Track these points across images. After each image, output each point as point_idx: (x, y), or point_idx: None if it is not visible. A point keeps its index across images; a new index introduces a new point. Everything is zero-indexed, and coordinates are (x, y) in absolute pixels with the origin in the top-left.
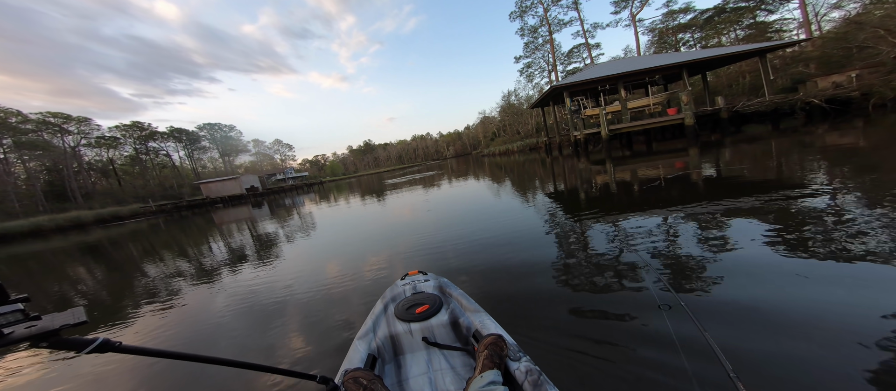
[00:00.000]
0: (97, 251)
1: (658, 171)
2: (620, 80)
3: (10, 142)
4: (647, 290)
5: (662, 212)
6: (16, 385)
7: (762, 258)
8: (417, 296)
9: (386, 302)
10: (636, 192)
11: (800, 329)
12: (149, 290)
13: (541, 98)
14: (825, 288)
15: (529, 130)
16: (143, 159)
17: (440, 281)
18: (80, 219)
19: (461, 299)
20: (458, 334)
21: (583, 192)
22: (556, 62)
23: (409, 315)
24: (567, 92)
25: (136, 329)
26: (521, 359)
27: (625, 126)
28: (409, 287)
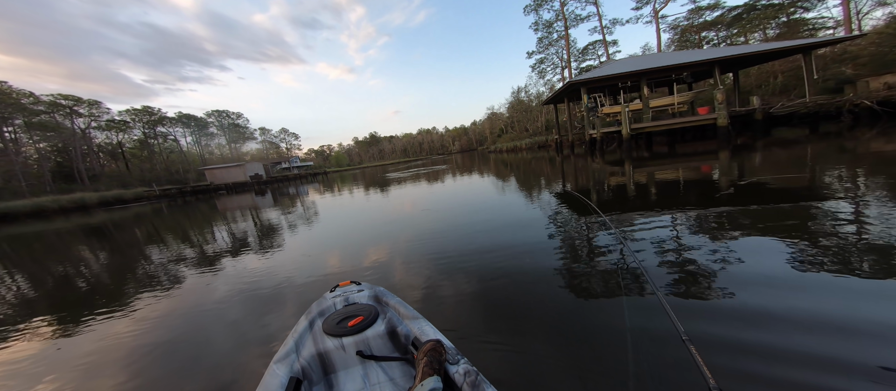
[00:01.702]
0: (99, 233)
1: (683, 174)
2: (644, 76)
3: (21, 122)
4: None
5: (689, 216)
6: (3, 375)
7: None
8: (350, 308)
9: (312, 317)
10: (661, 196)
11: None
12: (147, 274)
13: (555, 94)
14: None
15: (538, 128)
16: (152, 144)
17: (376, 290)
18: (83, 200)
19: (399, 307)
20: (397, 344)
21: (599, 193)
22: (570, 58)
23: (340, 329)
24: (584, 88)
25: (133, 313)
26: (460, 362)
27: (648, 125)
28: (340, 299)
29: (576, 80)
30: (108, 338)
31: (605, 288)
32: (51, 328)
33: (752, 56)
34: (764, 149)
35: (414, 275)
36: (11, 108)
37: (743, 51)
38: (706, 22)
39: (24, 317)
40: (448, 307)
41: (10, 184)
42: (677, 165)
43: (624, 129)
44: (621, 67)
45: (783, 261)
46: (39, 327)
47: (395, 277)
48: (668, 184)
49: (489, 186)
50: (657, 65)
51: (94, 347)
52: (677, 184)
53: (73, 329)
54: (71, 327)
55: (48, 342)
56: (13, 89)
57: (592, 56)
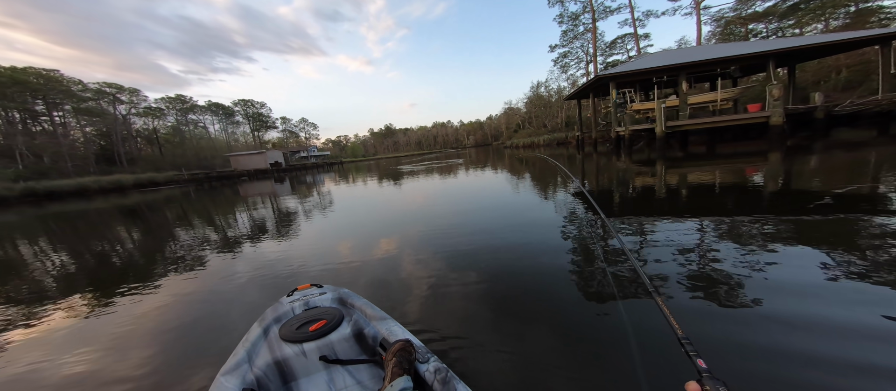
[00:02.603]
0: (134, 214)
1: (725, 177)
2: (684, 71)
3: (69, 108)
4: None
5: (726, 223)
6: (40, 342)
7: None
8: (311, 312)
9: (266, 324)
10: (697, 200)
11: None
12: (174, 255)
13: (580, 89)
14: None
15: (558, 124)
16: (184, 130)
17: (340, 292)
18: (120, 182)
19: (365, 308)
20: (364, 346)
21: (622, 195)
22: (596, 52)
23: (300, 334)
24: (613, 83)
25: (160, 292)
26: (430, 360)
27: (687, 123)
28: (299, 303)
29: (604, 74)
30: (137, 314)
31: (615, 289)
32: (88, 301)
33: (819, 48)
34: (824, 151)
35: (421, 268)
36: (62, 95)
37: (807, 42)
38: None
39: (67, 289)
40: (445, 305)
41: (58, 164)
42: (718, 167)
43: (657, 127)
44: (657, 61)
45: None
46: (79, 300)
47: (403, 270)
48: (706, 187)
49: (503, 183)
50: (701, 58)
51: (125, 321)
52: (718, 187)
53: (108, 303)
54: (106, 301)
55: (86, 313)
56: (64, 77)
57: (621, 50)
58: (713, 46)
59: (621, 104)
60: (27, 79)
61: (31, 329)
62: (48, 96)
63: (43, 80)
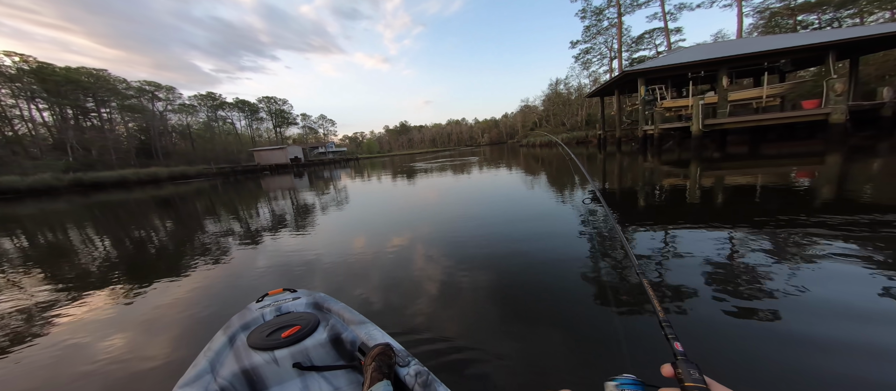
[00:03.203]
0: (168, 205)
1: (771, 180)
2: (725, 65)
3: (115, 104)
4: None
5: (771, 233)
6: (84, 321)
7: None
8: (283, 318)
9: (232, 332)
10: (738, 205)
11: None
12: (202, 245)
13: (604, 85)
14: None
15: (577, 122)
16: (213, 126)
17: (315, 296)
18: (156, 175)
19: (343, 313)
20: (342, 351)
21: (648, 197)
22: (621, 48)
23: (271, 341)
24: (643, 79)
25: (187, 280)
26: (411, 364)
27: (728, 121)
28: (269, 309)
29: (633, 70)
30: (166, 300)
31: (615, 276)
32: (125, 286)
33: (889, 38)
34: (892, 153)
35: (431, 265)
36: (109, 93)
37: (876, 31)
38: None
39: (108, 273)
40: (449, 304)
41: (103, 157)
42: (764, 169)
43: (694, 125)
44: (694, 55)
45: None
46: (117, 284)
47: (414, 264)
48: (749, 191)
49: (518, 183)
50: (745, 51)
51: (155, 307)
52: (765, 192)
53: (142, 288)
54: (139, 286)
55: (122, 298)
56: (111, 76)
57: (648, 46)
58: (759, 38)
59: (650, 101)
60: (79, 78)
61: (76, 309)
62: (97, 94)
63: (93, 78)
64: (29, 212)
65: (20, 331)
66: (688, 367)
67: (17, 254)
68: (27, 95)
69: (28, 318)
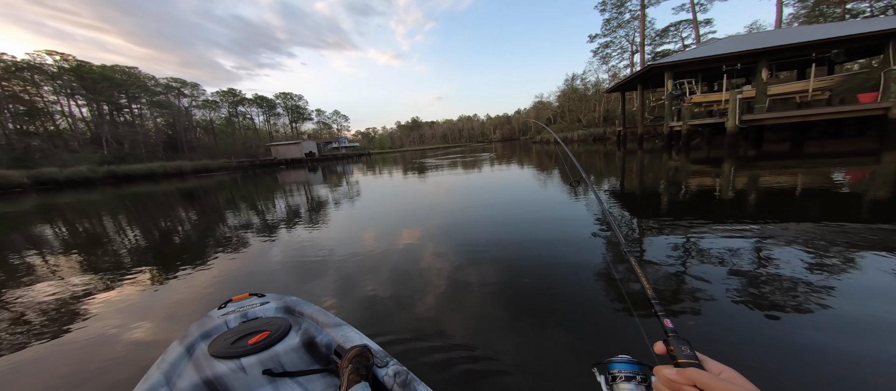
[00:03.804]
0: (191, 197)
1: (818, 182)
2: (764, 57)
3: (145, 100)
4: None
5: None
6: (114, 308)
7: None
8: (250, 324)
9: (190, 341)
10: (791, 211)
11: None
12: (223, 236)
13: (625, 80)
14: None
15: (595, 119)
16: (234, 121)
17: (286, 300)
18: (181, 168)
19: (317, 316)
20: (317, 355)
21: (674, 198)
22: (643, 42)
23: (237, 349)
24: (670, 72)
25: (209, 270)
26: (389, 364)
27: (772, 116)
28: (234, 316)
29: (659, 63)
30: (190, 289)
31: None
32: (152, 274)
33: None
34: None
35: (440, 260)
36: (139, 89)
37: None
38: None
39: (137, 261)
40: (456, 300)
41: (134, 151)
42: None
43: (729, 121)
44: (729, 47)
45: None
46: (145, 272)
47: (424, 259)
48: (792, 192)
49: (531, 180)
50: (789, 41)
51: (179, 295)
52: (813, 194)
53: (167, 276)
54: (165, 275)
55: (150, 285)
56: (141, 74)
57: (674, 39)
58: (808, 28)
59: (678, 96)
60: (114, 75)
61: (107, 296)
62: (129, 90)
63: (125, 76)
64: (68, 201)
65: (59, 316)
66: (679, 344)
67: (58, 241)
68: (67, 92)
69: (66, 303)
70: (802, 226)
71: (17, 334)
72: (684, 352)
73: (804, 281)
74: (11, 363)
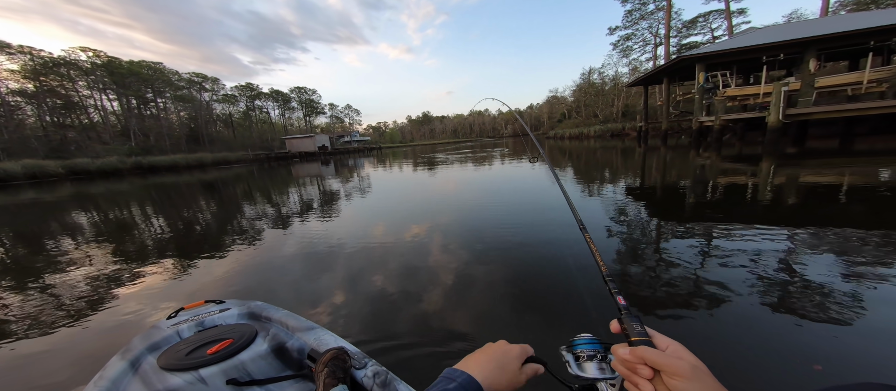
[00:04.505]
0: (211, 188)
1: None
2: (813, 46)
3: (169, 95)
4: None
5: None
6: (138, 294)
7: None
8: (208, 333)
9: (135, 355)
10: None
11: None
12: (241, 227)
13: (650, 73)
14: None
15: (613, 114)
16: (251, 115)
17: (250, 306)
18: (202, 160)
19: (286, 320)
20: (288, 361)
21: (702, 197)
22: (668, 33)
23: (194, 360)
24: (702, 64)
25: (227, 259)
26: (368, 365)
27: (823, 110)
28: (187, 325)
29: (692, 54)
30: (210, 277)
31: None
32: (175, 262)
33: None
34: None
35: (445, 255)
36: (164, 84)
37: None
38: None
39: (161, 250)
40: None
41: (159, 143)
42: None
43: (772, 116)
44: (774, 35)
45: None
46: (169, 260)
47: (432, 254)
48: (840, 193)
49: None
50: (846, 29)
51: (200, 283)
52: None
53: (189, 264)
54: (187, 263)
55: (174, 273)
56: (166, 69)
57: (702, 30)
58: (862, 15)
59: (710, 89)
60: (141, 71)
61: (133, 283)
62: (155, 85)
63: (152, 71)
64: (99, 191)
65: (89, 298)
66: (631, 321)
67: (90, 228)
68: (99, 87)
69: (98, 286)
70: (850, 232)
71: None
72: (636, 329)
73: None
74: None
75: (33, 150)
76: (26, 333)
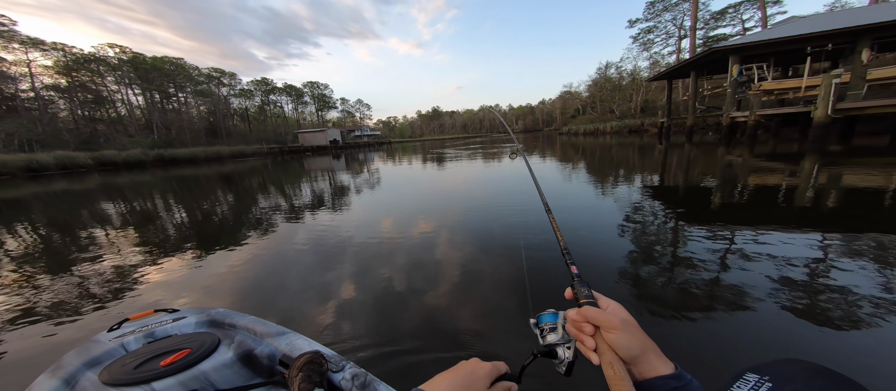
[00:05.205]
0: (229, 180)
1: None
2: (866, 35)
3: (190, 90)
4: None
5: None
6: (162, 282)
7: None
8: (160, 344)
9: (70, 372)
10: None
11: None
12: (255, 218)
13: (676, 66)
14: None
15: (631, 109)
16: (266, 109)
17: (210, 313)
18: (219, 153)
19: (253, 326)
20: (257, 368)
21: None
22: (695, 25)
23: (145, 373)
24: (736, 56)
25: (242, 249)
26: (346, 368)
27: (879, 104)
28: (134, 337)
29: (725, 46)
30: (225, 266)
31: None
32: (193, 251)
33: None
34: None
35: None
36: (185, 79)
37: None
38: None
39: (183, 239)
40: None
41: (179, 136)
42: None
43: (819, 110)
44: (819, 24)
45: None
46: (188, 250)
47: (438, 249)
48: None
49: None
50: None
51: (216, 272)
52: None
53: (206, 254)
54: (205, 252)
55: (192, 262)
56: (187, 64)
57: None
58: None
59: (745, 82)
60: (163, 66)
61: (156, 271)
62: (176, 80)
63: (173, 66)
64: (124, 181)
65: (115, 285)
66: (581, 286)
67: (118, 217)
68: (126, 82)
69: (124, 274)
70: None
71: None
72: (584, 293)
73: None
74: None
75: (65, 143)
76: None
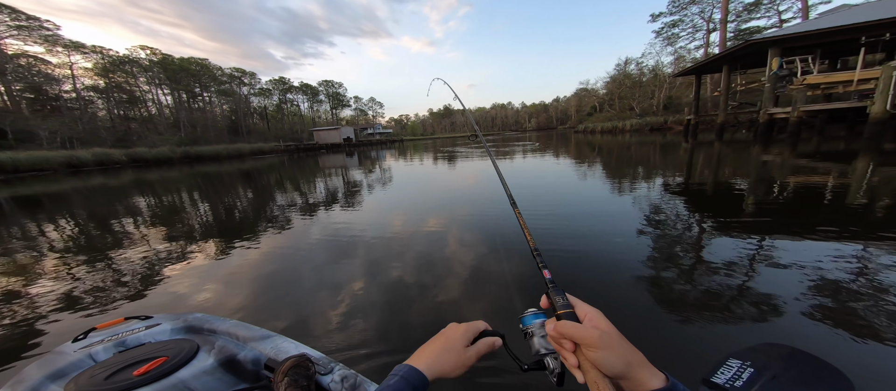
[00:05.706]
0: (249, 177)
1: None
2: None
3: (213, 89)
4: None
5: None
6: (185, 274)
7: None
8: (133, 353)
9: (31, 385)
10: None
11: None
12: (272, 215)
13: (707, 60)
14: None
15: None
16: (283, 108)
17: (187, 319)
18: (240, 150)
19: (235, 331)
20: (241, 373)
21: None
22: (726, 17)
23: (117, 383)
24: (777, 48)
25: (259, 247)
26: (335, 370)
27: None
28: (102, 347)
29: (764, 37)
30: (242, 263)
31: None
32: (214, 248)
33: None
34: None
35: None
36: (209, 79)
37: None
38: None
39: (205, 233)
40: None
41: (204, 134)
42: None
43: (876, 106)
44: (877, 12)
45: None
46: (209, 247)
47: (448, 246)
48: None
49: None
50: None
51: (234, 268)
52: None
53: (226, 251)
54: (225, 249)
55: (212, 259)
56: (211, 64)
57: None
58: None
59: (785, 76)
60: (190, 67)
61: (181, 264)
62: (201, 80)
63: (199, 67)
64: (154, 177)
65: (144, 273)
66: (556, 295)
67: (149, 211)
68: (156, 82)
69: (156, 262)
70: None
71: None
72: (560, 302)
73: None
74: None
75: (102, 140)
76: None
